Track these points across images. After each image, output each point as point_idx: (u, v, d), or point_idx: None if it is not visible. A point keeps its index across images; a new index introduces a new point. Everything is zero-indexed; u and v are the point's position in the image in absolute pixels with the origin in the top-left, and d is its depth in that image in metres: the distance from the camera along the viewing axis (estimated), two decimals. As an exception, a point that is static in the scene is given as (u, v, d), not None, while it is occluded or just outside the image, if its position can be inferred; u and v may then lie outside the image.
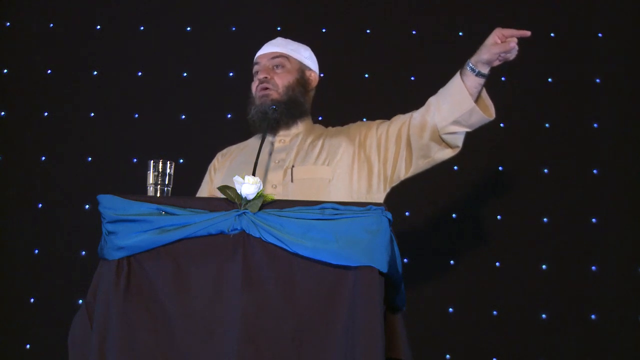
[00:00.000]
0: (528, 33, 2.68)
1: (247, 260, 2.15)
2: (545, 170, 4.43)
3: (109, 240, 2.19)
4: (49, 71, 4.61)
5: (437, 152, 2.91)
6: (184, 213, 2.19)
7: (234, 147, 3.16)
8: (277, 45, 3.09)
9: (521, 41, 4.73)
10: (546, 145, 4.45)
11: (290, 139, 2.99)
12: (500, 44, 2.70)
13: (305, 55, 3.13)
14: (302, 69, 3.09)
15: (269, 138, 2.98)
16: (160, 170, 2.37)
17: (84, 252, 4.30)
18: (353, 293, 2.11)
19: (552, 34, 4.61)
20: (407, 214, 4.38)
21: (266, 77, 2.98)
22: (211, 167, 3.14)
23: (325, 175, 2.85)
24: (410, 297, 2.43)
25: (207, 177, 3.13)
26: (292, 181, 2.83)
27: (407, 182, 4.43)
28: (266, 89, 2.97)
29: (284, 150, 2.95)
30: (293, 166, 2.87)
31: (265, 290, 2.13)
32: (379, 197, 2.89)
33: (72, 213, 4.37)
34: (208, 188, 3.09)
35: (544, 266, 4.30)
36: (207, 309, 2.13)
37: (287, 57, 3.06)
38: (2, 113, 4.57)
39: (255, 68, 3.06)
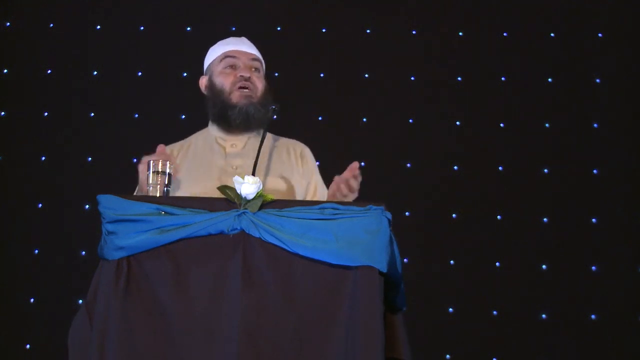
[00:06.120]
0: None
1: (247, 260, 2.15)
2: (545, 170, 4.43)
3: (109, 240, 2.19)
4: (49, 71, 4.61)
5: None
6: (184, 213, 2.18)
7: (174, 145, 2.96)
8: (251, 48, 2.97)
9: (521, 41, 4.76)
10: (546, 145, 4.45)
11: (243, 144, 2.86)
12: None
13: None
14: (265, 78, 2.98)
15: (217, 140, 2.88)
16: (160, 170, 2.37)
17: (84, 252, 4.30)
18: (353, 293, 2.11)
19: (552, 34, 4.61)
20: (407, 214, 4.38)
21: (249, 77, 2.86)
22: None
23: (284, 189, 2.78)
24: (410, 297, 2.43)
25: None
26: None
27: (407, 182, 4.45)
28: (247, 88, 2.84)
29: (239, 156, 2.83)
30: (253, 174, 2.78)
31: (265, 290, 2.13)
32: None
33: (72, 213, 4.36)
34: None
35: (544, 266, 4.30)
36: (207, 309, 2.13)
37: (261, 63, 2.96)
38: (2, 113, 4.57)
39: (232, 61, 2.90)
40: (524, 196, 4.39)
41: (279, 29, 4.59)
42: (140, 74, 4.60)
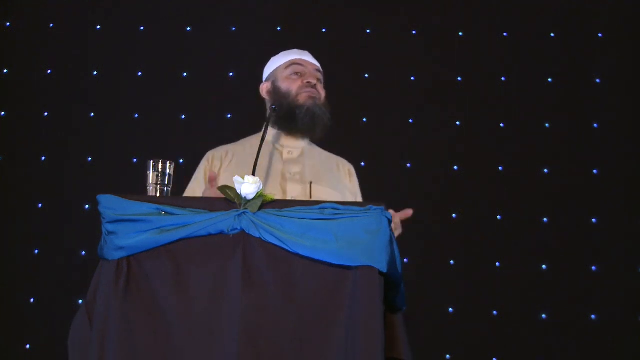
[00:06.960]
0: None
1: (247, 260, 2.15)
2: (545, 170, 4.43)
3: (109, 240, 2.19)
4: (49, 71, 4.61)
5: None
6: (184, 213, 2.18)
7: (229, 147, 3.02)
8: (315, 60, 3.06)
9: (521, 41, 4.75)
10: (546, 145, 4.45)
11: (299, 153, 2.94)
12: None
13: None
14: None
15: (275, 145, 2.93)
16: (160, 170, 2.37)
17: (84, 252, 4.30)
18: (353, 293, 2.11)
19: (552, 34, 4.61)
20: (407, 214, 4.37)
21: (315, 84, 2.96)
22: (206, 167, 2.96)
23: (337, 199, 2.82)
24: (410, 297, 2.43)
25: (199, 176, 2.94)
26: (310, 197, 2.80)
27: (407, 181, 4.45)
28: (314, 93, 2.93)
29: (296, 164, 2.89)
30: (311, 182, 2.84)
31: (265, 290, 2.13)
32: None
33: (72, 213, 4.37)
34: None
35: (544, 266, 4.30)
36: (206, 309, 2.13)
37: (323, 76, 3.06)
38: (2, 113, 4.57)
39: (299, 69, 2.98)
40: (524, 196, 4.39)
41: (279, 29, 4.59)
42: (140, 74, 4.60)
